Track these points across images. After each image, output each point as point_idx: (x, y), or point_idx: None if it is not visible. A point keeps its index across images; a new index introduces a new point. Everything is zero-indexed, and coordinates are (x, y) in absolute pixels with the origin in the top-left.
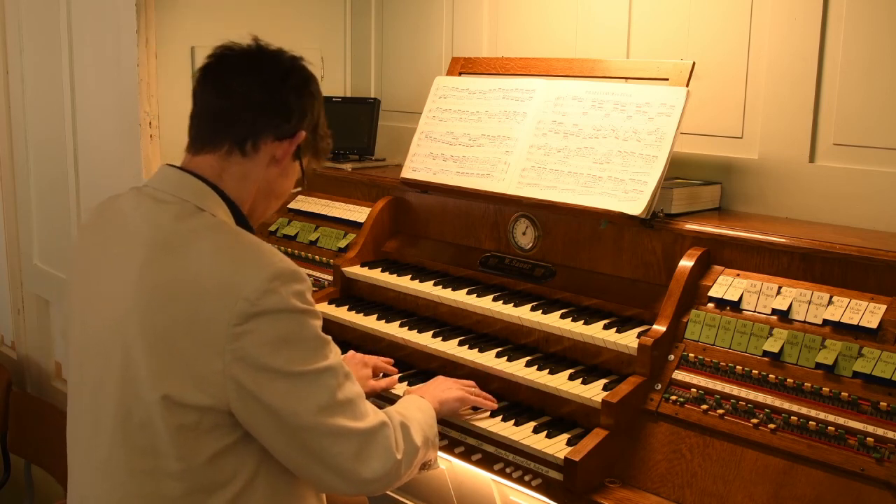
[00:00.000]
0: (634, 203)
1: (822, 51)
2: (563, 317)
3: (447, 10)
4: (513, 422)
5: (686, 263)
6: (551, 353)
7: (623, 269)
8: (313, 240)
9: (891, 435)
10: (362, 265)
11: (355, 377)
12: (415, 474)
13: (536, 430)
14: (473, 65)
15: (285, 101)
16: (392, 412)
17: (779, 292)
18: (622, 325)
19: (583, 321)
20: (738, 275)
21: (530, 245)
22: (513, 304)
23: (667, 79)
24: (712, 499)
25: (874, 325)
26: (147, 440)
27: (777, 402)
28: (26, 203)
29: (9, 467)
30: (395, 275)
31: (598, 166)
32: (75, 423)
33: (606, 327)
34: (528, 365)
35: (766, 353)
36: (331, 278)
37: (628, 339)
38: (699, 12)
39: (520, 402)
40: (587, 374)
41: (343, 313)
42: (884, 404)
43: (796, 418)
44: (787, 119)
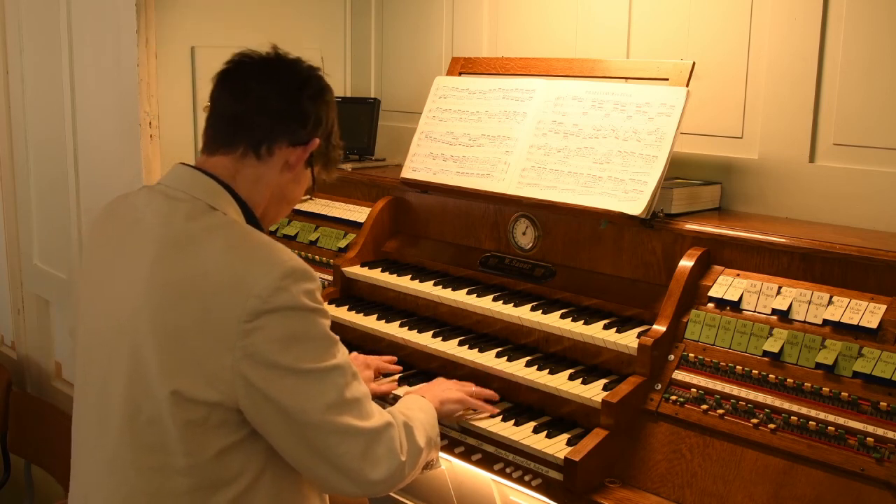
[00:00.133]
0: (634, 203)
1: (822, 51)
2: (563, 317)
3: (447, 10)
4: (513, 422)
5: (686, 263)
6: (551, 353)
7: (623, 269)
8: (313, 240)
9: (891, 435)
10: (362, 265)
11: None
12: (417, 475)
13: (536, 430)
14: (473, 65)
15: (302, 108)
16: (396, 412)
17: (779, 292)
18: (622, 325)
19: (583, 321)
20: (738, 275)
21: (530, 245)
22: (513, 304)
23: (667, 79)
24: (712, 499)
25: (874, 325)
26: (155, 436)
27: (777, 402)
28: (26, 203)
29: (9, 467)
30: (395, 275)
31: (598, 166)
32: (81, 419)
33: (606, 327)
34: (528, 365)
35: (766, 353)
36: (331, 278)
37: (628, 339)
38: (699, 12)
39: (520, 402)
40: (587, 374)
41: (343, 313)
42: (884, 404)
43: (796, 418)
44: (787, 119)
